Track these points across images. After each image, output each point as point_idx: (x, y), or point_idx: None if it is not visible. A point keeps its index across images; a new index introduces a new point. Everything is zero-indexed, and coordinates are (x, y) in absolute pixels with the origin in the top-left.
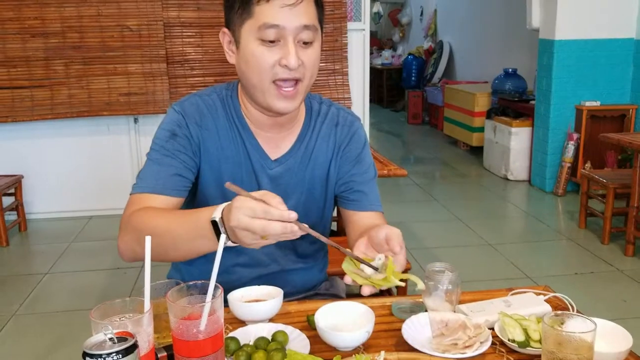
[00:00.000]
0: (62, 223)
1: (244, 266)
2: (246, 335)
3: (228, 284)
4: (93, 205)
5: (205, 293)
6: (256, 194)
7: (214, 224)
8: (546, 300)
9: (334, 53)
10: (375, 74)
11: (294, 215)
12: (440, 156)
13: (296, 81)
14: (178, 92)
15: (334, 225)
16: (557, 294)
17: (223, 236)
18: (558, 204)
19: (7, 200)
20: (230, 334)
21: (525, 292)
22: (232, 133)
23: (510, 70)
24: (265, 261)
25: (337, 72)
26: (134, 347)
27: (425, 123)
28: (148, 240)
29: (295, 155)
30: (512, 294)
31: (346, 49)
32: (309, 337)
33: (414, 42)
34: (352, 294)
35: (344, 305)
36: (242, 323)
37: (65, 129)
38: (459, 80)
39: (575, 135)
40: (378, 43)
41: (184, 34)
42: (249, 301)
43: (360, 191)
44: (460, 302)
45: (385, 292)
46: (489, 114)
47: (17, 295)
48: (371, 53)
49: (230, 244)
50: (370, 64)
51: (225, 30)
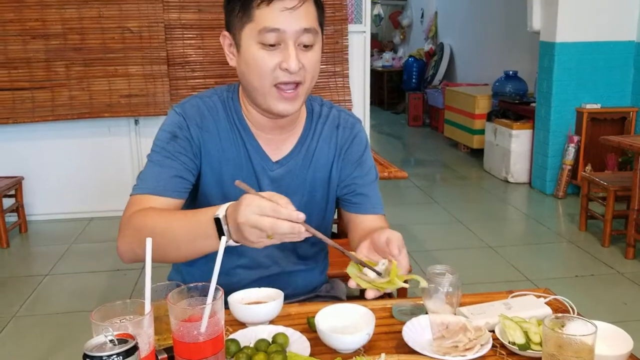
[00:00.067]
0: (63, 224)
1: (244, 268)
2: (246, 337)
3: (229, 286)
4: (93, 206)
5: (205, 295)
6: (264, 194)
7: (217, 222)
8: (547, 303)
9: (335, 55)
10: (376, 76)
11: (302, 216)
12: (440, 158)
13: (297, 84)
14: (179, 94)
15: (334, 227)
16: (558, 297)
17: (224, 238)
18: (558, 207)
19: (8, 202)
20: (231, 336)
21: (525, 295)
22: (233, 135)
23: (510, 72)
24: (266, 263)
25: (338, 74)
26: (134, 349)
27: (426, 125)
28: (149, 242)
29: (297, 157)
30: (513, 297)
31: (347, 51)
32: (309, 339)
33: (415, 44)
34: (353, 296)
35: (344, 308)
36: (243, 325)
37: (66, 130)
38: (459, 83)
39: (576, 138)
40: (379, 45)
41: (185, 35)
42: (249, 303)
43: (363, 194)
44: (461, 305)
45: (386, 295)
46: (490, 117)
47: (18, 297)
48: (372, 55)
49: (232, 243)
50: (371, 66)
51: (226, 33)
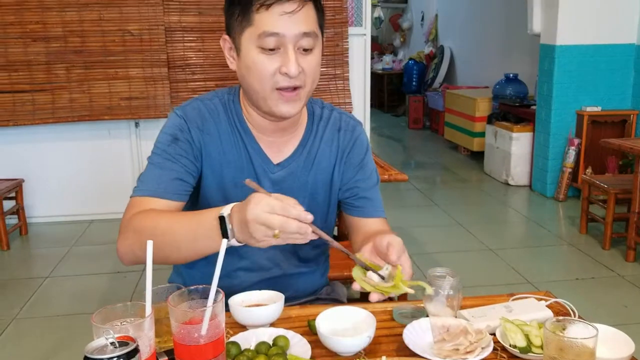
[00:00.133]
0: (63, 227)
1: (245, 270)
2: (247, 339)
3: (230, 289)
4: (94, 209)
5: (206, 297)
6: (273, 195)
7: (221, 220)
8: (548, 306)
9: (335, 58)
10: (376, 78)
11: (310, 217)
12: (441, 161)
13: (297, 88)
14: (179, 97)
15: (334, 230)
16: (559, 300)
17: (225, 240)
18: (559, 209)
19: (8, 204)
20: (231, 339)
21: (526, 298)
22: (234, 137)
23: (511, 75)
24: (267, 265)
25: (338, 77)
26: (135, 352)
27: (426, 128)
28: (149, 244)
29: (298, 159)
30: (514, 300)
31: (347, 53)
32: (310, 342)
33: (415, 47)
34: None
35: (345, 310)
36: (243, 328)
37: (66, 133)
38: (459, 85)
39: (576, 141)
40: (379, 48)
41: (185, 38)
42: (250, 306)
43: (365, 197)
44: (462, 308)
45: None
46: (490, 119)
47: (18, 299)
48: (372, 58)
49: (235, 243)
50: (371, 68)
51: (226, 37)
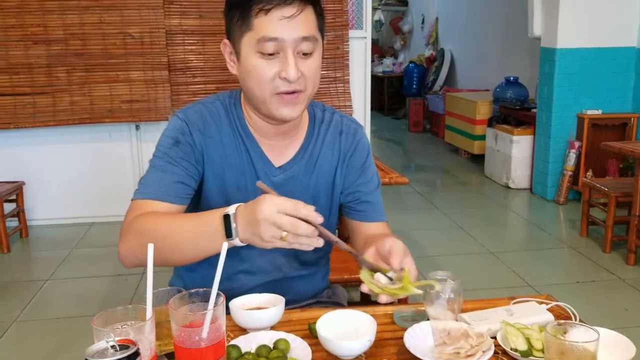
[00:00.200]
0: (64, 229)
1: (246, 273)
2: (248, 343)
3: (230, 292)
4: (94, 211)
5: (207, 301)
6: (283, 197)
7: (226, 219)
8: (548, 309)
9: (336, 61)
10: (377, 81)
11: (320, 218)
12: (441, 164)
13: (297, 92)
14: (180, 100)
15: (335, 234)
16: (560, 303)
17: (225, 244)
18: (559, 212)
19: (9, 207)
20: (232, 342)
21: (527, 301)
22: (236, 141)
23: (511, 78)
24: (268, 268)
25: (339, 80)
26: (135, 355)
27: (427, 131)
28: (150, 247)
29: (300, 162)
30: (515, 303)
31: (348, 56)
32: (310, 345)
33: (415, 50)
34: (354, 302)
35: (345, 314)
36: (244, 331)
37: (67, 135)
38: (460, 88)
39: (577, 144)
40: (379, 51)
41: (186, 41)
42: (250, 309)
43: (367, 201)
44: (463, 311)
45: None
46: (491, 122)
47: (18, 302)
48: (372, 61)
49: (238, 243)
50: (372, 71)
51: (226, 41)
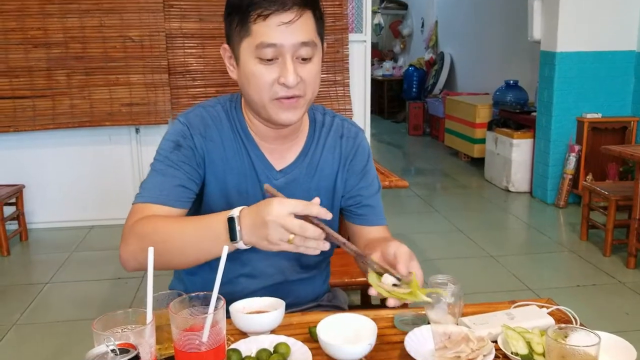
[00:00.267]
0: (63, 233)
1: (247, 277)
2: (248, 346)
3: (231, 295)
4: (94, 215)
5: (207, 304)
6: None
7: (230, 222)
8: (549, 313)
9: (335, 64)
10: (376, 85)
11: (329, 215)
12: (441, 167)
13: (296, 98)
14: (180, 103)
15: None
16: (561, 307)
17: (226, 247)
18: (559, 216)
19: (8, 210)
20: (232, 346)
21: (528, 305)
22: (237, 144)
23: (511, 81)
24: (269, 272)
25: (339, 83)
26: (136, 359)
27: (426, 134)
28: (150, 250)
29: (301, 166)
30: (515, 307)
31: (347, 60)
32: (311, 349)
33: (415, 54)
34: (354, 306)
35: (346, 317)
36: (244, 334)
37: (66, 138)
38: (460, 92)
39: (577, 147)
40: (379, 54)
41: (186, 45)
42: (251, 312)
43: (368, 205)
44: (463, 315)
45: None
46: (490, 126)
47: (18, 305)
48: (372, 64)
49: (242, 246)
50: (372, 75)
51: (226, 46)
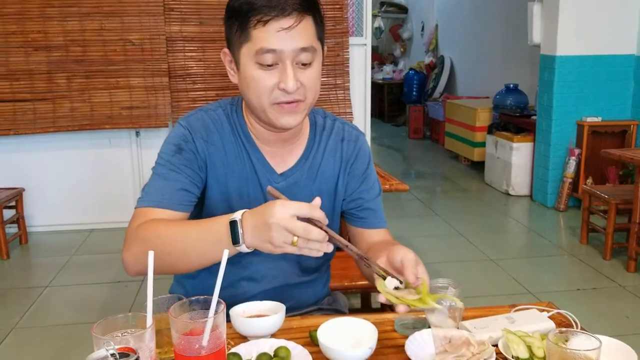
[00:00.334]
0: (63, 236)
1: (248, 280)
2: (248, 350)
3: (232, 299)
4: (94, 218)
5: (207, 308)
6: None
7: (232, 225)
8: (550, 317)
9: (336, 68)
10: (377, 88)
11: (327, 221)
12: (441, 171)
13: (297, 102)
14: (180, 106)
15: None
16: (561, 311)
17: (226, 251)
18: (560, 220)
19: (8, 213)
20: (232, 350)
21: (529, 309)
22: (238, 148)
23: (511, 85)
24: (270, 275)
25: (339, 87)
26: None
27: (427, 138)
28: (151, 254)
29: (302, 169)
30: (516, 311)
31: (348, 63)
32: (311, 353)
33: (415, 57)
34: (355, 309)
35: (346, 321)
36: (244, 338)
37: (67, 142)
38: (460, 95)
39: (577, 151)
40: (379, 58)
41: (186, 48)
42: (251, 316)
43: (369, 208)
44: (464, 319)
45: (388, 308)
46: (490, 129)
47: (18, 309)
48: (372, 68)
49: (244, 249)
50: (372, 78)
51: (226, 50)
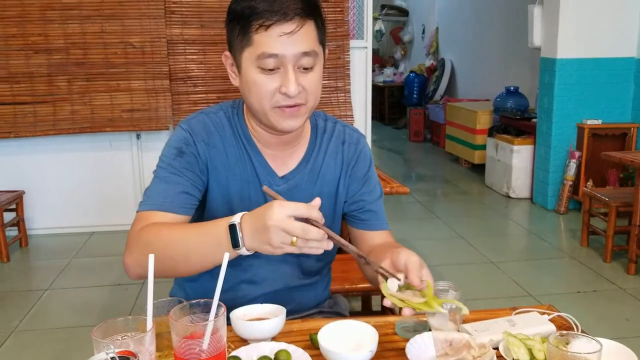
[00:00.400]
0: (63, 239)
1: (249, 283)
2: (249, 354)
3: (233, 302)
4: (95, 221)
5: (208, 311)
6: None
7: (232, 229)
8: (550, 320)
9: (337, 70)
10: (377, 91)
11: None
12: (442, 174)
13: (298, 105)
14: (181, 109)
15: None
16: (562, 314)
17: (227, 254)
18: (560, 222)
19: (9, 216)
20: (233, 353)
21: (529, 312)
22: (240, 151)
23: (512, 88)
24: (271, 278)
25: (340, 90)
26: None
27: (427, 140)
28: (151, 257)
29: (303, 172)
30: (517, 313)
31: (348, 66)
32: (312, 356)
33: (416, 60)
34: (355, 312)
35: (347, 324)
36: (245, 342)
37: (67, 144)
38: (460, 98)
39: (577, 154)
40: (380, 61)
41: (187, 51)
42: (251, 319)
43: (371, 210)
44: (465, 321)
45: (388, 311)
46: (491, 132)
47: (18, 311)
48: (373, 71)
49: (244, 252)
50: (372, 81)
51: (228, 53)
